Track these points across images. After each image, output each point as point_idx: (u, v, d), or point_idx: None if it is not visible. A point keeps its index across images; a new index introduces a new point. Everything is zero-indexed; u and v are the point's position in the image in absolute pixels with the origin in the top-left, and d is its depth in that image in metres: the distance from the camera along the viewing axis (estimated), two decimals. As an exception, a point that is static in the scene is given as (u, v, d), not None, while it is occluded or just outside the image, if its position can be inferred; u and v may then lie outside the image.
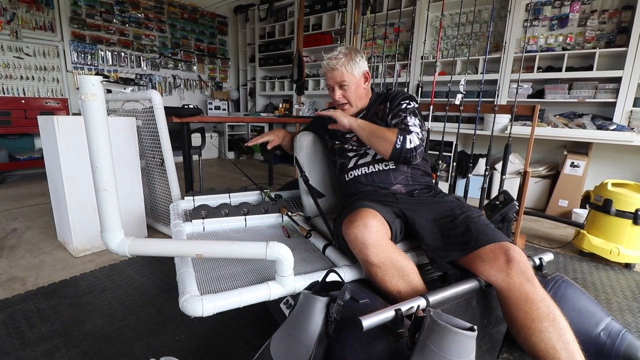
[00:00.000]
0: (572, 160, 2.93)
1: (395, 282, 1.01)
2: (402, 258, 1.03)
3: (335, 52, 1.38)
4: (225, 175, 4.42)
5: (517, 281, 0.91)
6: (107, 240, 0.91)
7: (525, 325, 0.88)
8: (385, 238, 1.03)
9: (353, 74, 1.36)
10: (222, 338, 1.27)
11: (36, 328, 1.30)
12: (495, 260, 0.96)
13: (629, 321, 1.46)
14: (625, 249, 1.93)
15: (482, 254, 0.99)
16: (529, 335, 0.87)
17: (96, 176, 0.85)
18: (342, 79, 1.36)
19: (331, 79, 1.39)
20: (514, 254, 0.94)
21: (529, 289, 0.90)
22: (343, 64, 1.34)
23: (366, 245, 0.99)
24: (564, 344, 0.85)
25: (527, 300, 0.89)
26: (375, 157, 1.37)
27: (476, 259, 1.00)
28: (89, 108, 0.81)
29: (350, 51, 1.37)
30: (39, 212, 2.63)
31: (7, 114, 3.55)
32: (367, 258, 1.01)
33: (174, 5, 5.33)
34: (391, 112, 1.35)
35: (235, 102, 6.40)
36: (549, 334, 0.85)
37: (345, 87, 1.37)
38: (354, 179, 1.39)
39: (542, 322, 0.87)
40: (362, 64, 1.38)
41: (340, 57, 1.35)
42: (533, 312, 0.88)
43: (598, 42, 3.09)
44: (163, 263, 1.82)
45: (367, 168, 1.37)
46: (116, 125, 1.97)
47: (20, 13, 3.89)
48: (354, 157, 1.41)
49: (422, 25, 3.77)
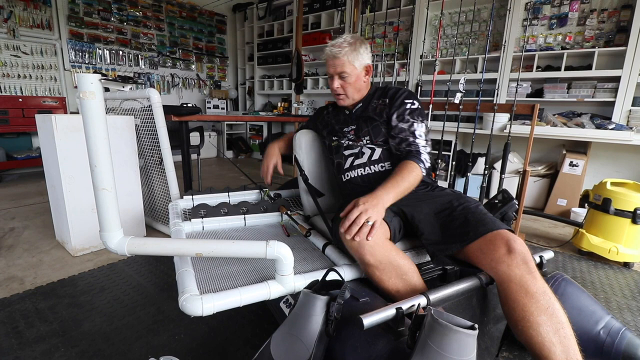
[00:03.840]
0: (571, 160, 2.93)
1: (394, 281, 1.00)
2: (400, 257, 1.02)
3: (340, 39, 1.32)
4: (224, 174, 4.41)
5: (518, 273, 0.90)
6: (105, 240, 0.90)
7: (523, 317, 0.87)
8: (381, 238, 1.02)
9: (354, 66, 1.31)
10: (221, 337, 1.26)
11: (34, 328, 1.29)
12: (495, 251, 0.95)
13: (627, 320, 1.47)
14: (624, 247, 1.93)
15: (482, 245, 0.98)
16: (526, 328, 0.87)
17: (95, 175, 0.85)
18: (342, 69, 1.31)
19: (331, 67, 1.34)
20: (515, 245, 0.93)
21: (529, 281, 0.89)
22: (346, 53, 1.29)
23: (362, 246, 0.98)
24: (560, 338, 0.84)
25: (526, 293, 0.88)
26: (371, 158, 1.34)
27: (476, 251, 0.99)
28: (88, 106, 0.80)
29: (356, 41, 1.31)
30: (37, 211, 2.62)
31: (5, 113, 3.53)
32: (363, 259, 1.00)
33: (173, 4, 5.31)
34: (395, 111, 1.31)
35: (233, 101, 6.38)
36: (546, 327, 0.85)
37: (345, 78, 1.33)
38: (351, 180, 1.38)
39: (540, 315, 0.86)
40: (366, 56, 1.34)
41: (344, 45, 1.29)
42: (532, 305, 0.87)
43: (597, 41, 3.09)
44: (162, 262, 1.82)
45: (362, 170, 1.35)
46: (115, 124, 1.96)
47: (18, 11, 3.86)
48: (350, 156, 1.38)
49: (421, 24, 3.76)
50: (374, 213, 1.01)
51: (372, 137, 1.35)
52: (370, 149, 1.35)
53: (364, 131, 1.37)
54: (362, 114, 1.40)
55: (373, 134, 1.35)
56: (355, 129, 1.40)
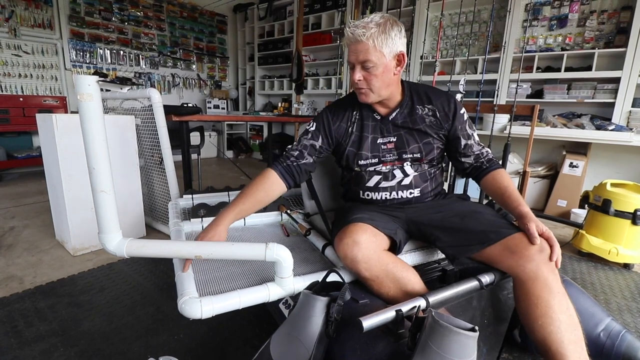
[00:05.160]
0: (571, 161, 2.93)
1: (393, 293, 0.99)
2: (399, 269, 1.00)
3: (366, 19, 1.03)
4: (224, 174, 4.41)
5: (545, 271, 0.91)
6: (104, 242, 0.90)
7: (546, 313, 0.89)
8: (377, 251, 0.99)
9: (382, 53, 1.03)
10: (221, 338, 1.26)
11: (34, 327, 1.29)
12: (526, 249, 0.94)
13: (627, 321, 1.46)
14: (624, 249, 1.93)
15: (510, 244, 0.97)
16: (547, 324, 0.88)
17: (93, 177, 0.84)
18: (366, 57, 1.03)
19: (352, 54, 1.05)
20: (546, 246, 0.94)
21: (554, 281, 0.91)
22: (372, 36, 1.00)
23: (357, 262, 0.97)
24: (575, 338, 0.87)
25: (551, 291, 0.90)
26: (401, 183, 1.18)
27: (502, 251, 0.98)
28: (85, 108, 0.80)
29: (386, 21, 1.03)
30: (37, 210, 2.62)
31: (5, 112, 3.53)
32: (359, 273, 0.99)
33: (173, 4, 5.31)
34: (454, 128, 1.18)
35: (234, 101, 6.38)
36: (566, 325, 0.87)
37: (370, 68, 1.04)
38: (370, 200, 1.22)
39: (562, 313, 0.88)
40: (398, 42, 1.05)
41: (370, 25, 1.01)
42: (555, 303, 0.89)
43: (597, 42, 3.09)
44: (161, 262, 1.82)
45: (388, 194, 1.19)
46: (115, 123, 1.96)
47: (19, 10, 3.86)
48: (375, 174, 1.20)
49: (421, 25, 3.77)
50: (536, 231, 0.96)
51: (424, 155, 1.17)
52: (403, 173, 1.18)
53: (413, 147, 1.17)
54: (406, 124, 1.18)
55: (425, 152, 1.17)
56: (396, 142, 1.18)
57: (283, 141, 5.51)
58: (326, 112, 1.25)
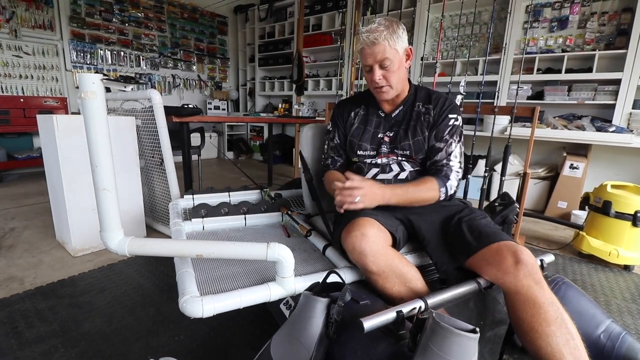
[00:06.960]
0: (572, 162, 2.93)
1: (397, 288, 1.00)
2: (403, 264, 1.01)
3: (373, 24, 1.14)
4: (225, 175, 4.41)
5: (525, 284, 0.89)
6: (106, 240, 0.90)
7: (532, 328, 0.86)
8: (384, 246, 1.01)
9: (396, 50, 1.13)
10: (221, 338, 1.26)
11: (34, 328, 1.29)
12: (502, 262, 0.93)
13: (628, 323, 1.46)
14: (625, 250, 1.93)
15: (487, 256, 0.97)
16: (535, 338, 0.86)
17: (96, 175, 0.85)
18: (384, 56, 1.12)
19: (370, 57, 1.14)
20: (523, 256, 0.92)
21: (537, 292, 0.88)
22: (386, 37, 1.11)
23: (365, 254, 0.98)
24: (570, 349, 0.83)
25: (534, 304, 0.87)
26: (397, 177, 1.22)
27: (481, 261, 0.98)
28: (89, 106, 0.81)
29: (392, 23, 1.14)
30: (37, 211, 2.62)
31: (6, 113, 3.54)
32: (366, 267, 0.99)
33: (174, 5, 5.32)
34: (435, 127, 1.20)
35: (234, 102, 6.39)
36: (556, 338, 0.84)
37: (387, 66, 1.14)
38: None
39: (549, 325, 0.85)
40: (405, 39, 1.16)
41: (381, 29, 1.11)
42: (540, 315, 0.86)
43: (597, 44, 3.10)
44: (162, 263, 1.82)
45: None
46: (115, 124, 1.96)
47: (20, 11, 3.87)
48: (374, 166, 1.26)
49: (422, 26, 3.77)
50: (366, 200, 1.04)
51: (413, 153, 1.22)
52: (400, 167, 1.24)
53: (404, 144, 1.22)
54: (404, 120, 1.25)
55: (414, 150, 1.22)
56: (393, 137, 1.25)
57: (283, 142, 5.51)
58: (336, 108, 1.40)
